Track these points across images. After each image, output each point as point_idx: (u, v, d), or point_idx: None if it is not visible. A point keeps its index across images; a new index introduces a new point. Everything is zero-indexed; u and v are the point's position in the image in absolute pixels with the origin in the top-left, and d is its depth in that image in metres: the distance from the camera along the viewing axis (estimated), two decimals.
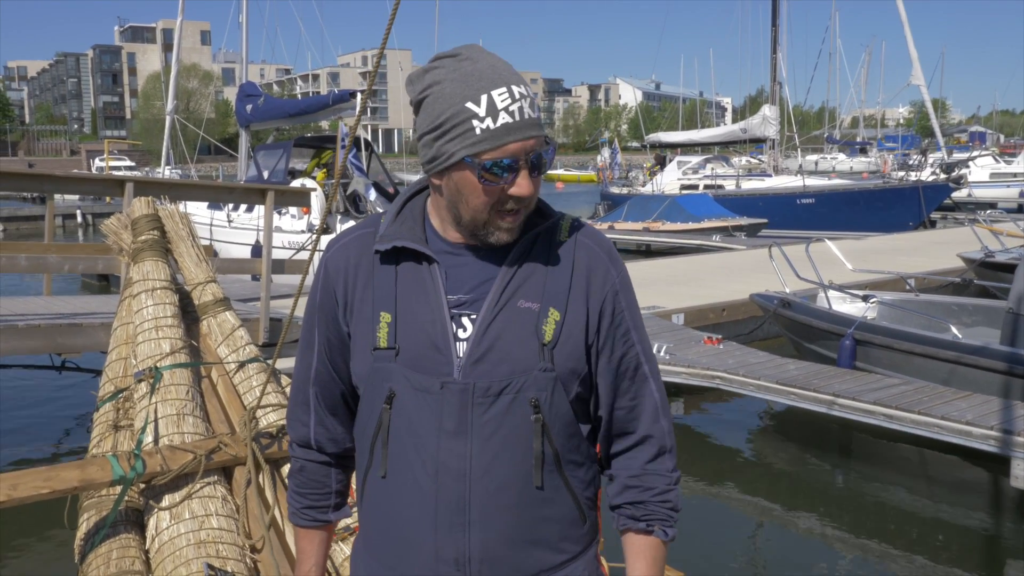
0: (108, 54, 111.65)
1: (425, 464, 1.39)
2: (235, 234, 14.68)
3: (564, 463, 1.44)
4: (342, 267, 1.49)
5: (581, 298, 1.44)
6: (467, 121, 1.34)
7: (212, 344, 3.45)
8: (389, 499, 1.45)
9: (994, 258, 11.73)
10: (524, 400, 1.39)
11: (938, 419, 5.87)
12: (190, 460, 2.77)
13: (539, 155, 1.37)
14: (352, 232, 1.53)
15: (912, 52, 22.92)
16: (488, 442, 1.38)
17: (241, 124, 16.91)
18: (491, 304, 1.40)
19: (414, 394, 1.40)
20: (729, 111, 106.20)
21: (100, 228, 4.12)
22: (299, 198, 9.89)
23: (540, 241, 1.45)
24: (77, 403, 8.28)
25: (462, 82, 1.35)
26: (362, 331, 1.46)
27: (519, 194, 1.36)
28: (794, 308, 8.40)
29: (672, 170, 28.87)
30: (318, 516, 1.65)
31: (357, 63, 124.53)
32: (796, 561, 5.19)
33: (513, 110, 1.34)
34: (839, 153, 53.53)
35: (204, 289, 3.57)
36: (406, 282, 1.44)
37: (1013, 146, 55.00)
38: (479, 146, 1.34)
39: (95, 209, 30.53)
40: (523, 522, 1.41)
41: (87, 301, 8.41)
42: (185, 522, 2.69)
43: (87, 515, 2.83)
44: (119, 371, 3.35)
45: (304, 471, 1.64)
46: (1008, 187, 31.32)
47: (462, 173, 1.37)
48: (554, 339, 1.41)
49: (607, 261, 1.48)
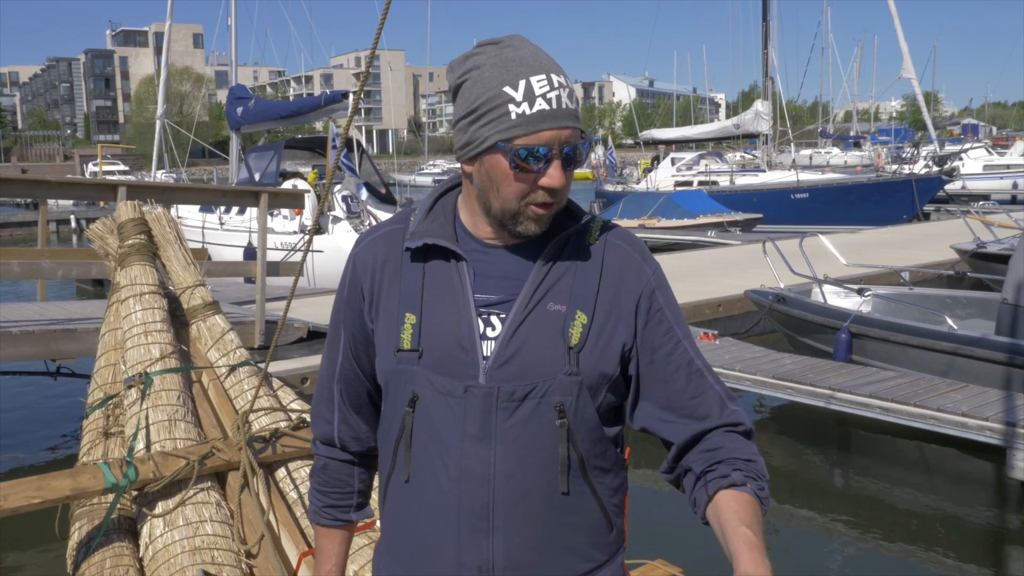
0: (100, 58, 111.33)
1: (448, 469, 1.37)
2: (227, 236, 14.67)
3: (590, 469, 1.40)
4: (370, 263, 1.47)
5: (611, 300, 1.41)
6: (503, 105, 1.32)
7: (202, 348, 3.43)
8: (411, 504, 1.42)
9: (986, 249, 11.79)
10: (549, 405, 1.36)
11: (934, 411, 5.87)
12: (183, 466, 2.75)
13: (574, 147, 1.34)
14: (381, 228, 1.51)
15: (903, 46, 22.94)
16: (512, 447, 1.35)
17: (232, 127, 16.91)
18: (521, 305, 1.38)
19: (437, 398, 1.38)
20: (723, 107, 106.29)
21: (86, 233, 4.09)
22: (293, 200, 9.86)
23: (571, 243, 1.43)
24: (73, 409, 8.24)
25: (502, 67, 1.33)
26: (386, 330, 1.43)
27: (550, 185, 1.33)
28: (789, 303, 8.40)
29: (666, 167, 28.87)
30: (339, 515, 1.63)
31: (351, 64, 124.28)
32: (796, 555, 5.19)
33: (551, 97, 1.32)
34: (833, 147, 53.49)
35: (193, 293, 3.55)
36: (433, 281, 1.42)
37: (1005, 138, 55.09)
38: (513, 131, 1.31)
39: (89, 214, 30.43)
40: (548, 529, 1.38)
41: (82, 306, 8.38)
42: (179, 529, 2.68)
43: (79, 524, 2.81)
44: (108, 377, 3.33)
45: (327, 469, 1.62)
46: (1001, 179, 31.34)
47: (495, 158, 1.34)
48: (580, 342, 1.37)
49: (640, 260, 1.45)
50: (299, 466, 3.04)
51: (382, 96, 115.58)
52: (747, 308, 9.76)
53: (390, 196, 15.19)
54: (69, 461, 6.83)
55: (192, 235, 14.79)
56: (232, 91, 16.98)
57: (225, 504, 2.85)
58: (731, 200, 22.38)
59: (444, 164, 67.82)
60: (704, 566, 4.87)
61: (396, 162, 56.45)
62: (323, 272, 11.87)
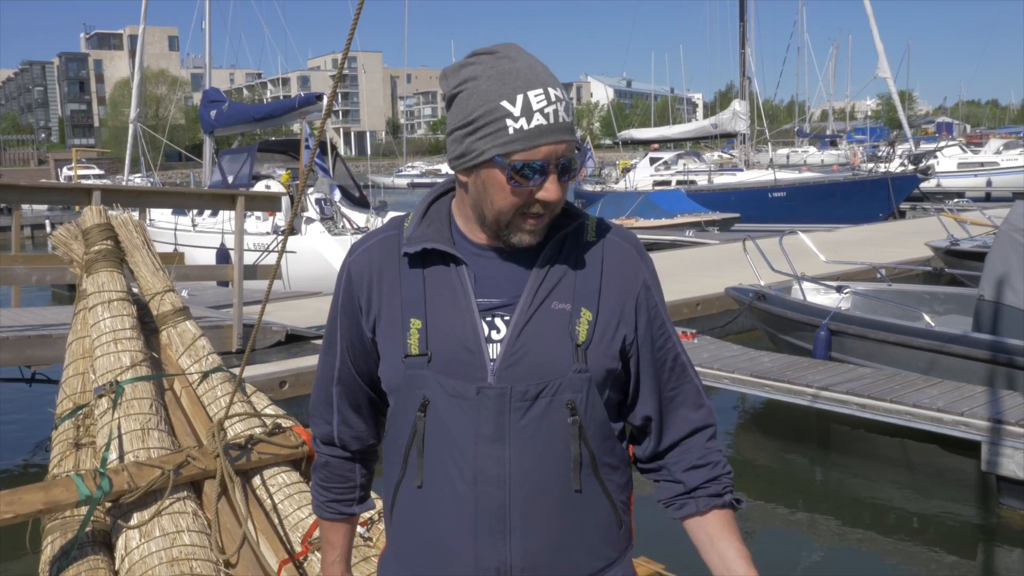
0: (74, 62, 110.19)
1: (463, 472, 1.37)
2: (200, 238, 14.62)
3: (600, 466, 1.43)
4: (365, 272, 1.47)
5: (613, 296, 1.43)
6: (501, 120, 1.32)
7: (173, 355, 3.37)
8: (425, 509, 1.42)
9: (959, 246, 11.94)
10: (560, 403, 1.37)
11: (910, 407, 5.92)
12: (158, 476, 2.70)
13: (569, 160, 1.35)
14: (375, 236, 1.51)
15: (878, 45, 23.13)
16: (526, 447, 1.36)
17: (205, 130, 16.83)
18: (525, 306, 1.39)
19: (449, 400, 1.38)
20: (700, 107, 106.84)
21: (50, 240, 4.03)
22: (270, 202, 9.80)
23: (568, 242, 1.44)
24: (49, 416, 8.13)
25: (499, 80, 1.33)
26: (391, 338, 1.43)
27: (546, 199, 1.34)
28: (769, 300, 8.44)
29: (645, 167, 28.95)
30: (343, 509, 1.66)
31: (328, 66, 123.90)
32: (775, 551, 5.20)
33: (548, 112, 1.32)
34: (810, 146, 53.86)
35: (162, 299, 3.49)
36: (435, 285, 1.42)
37: (979, 136, 55.71)
38: (511, 146, 1.31)
39: (64, 219, 30.04)
40: (563, 527, 1.39)
41: (56, 312, 8.27)
42: (156, 540, 2.63)
43: (51, 537, 2.75)
44: (77, 386, 3.27)
45: (329, 466, 1.64)
46: (975, 176, 31.68)
47: (491, 172, 1.34)
48: (588, 339, 1.39)
49: (637, 257, 1.48)
50: (276, 472, 3.00)
51: (360, 98, 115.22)
52: (725, 307, 9.80)
53: (363, 199, 15.18)
54: (44, 468, 6.73)
55: (165, 237, 14.72)
56: (205, 94, 16.89)
57: (202, 513, 2.80)
58: (709, 199, 22.48)
59: (423, 166, 67.71)
60: (685, 562, 4.88)
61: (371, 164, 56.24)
62: (297, 274, 11.83)
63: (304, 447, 3.05)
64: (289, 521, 2.85)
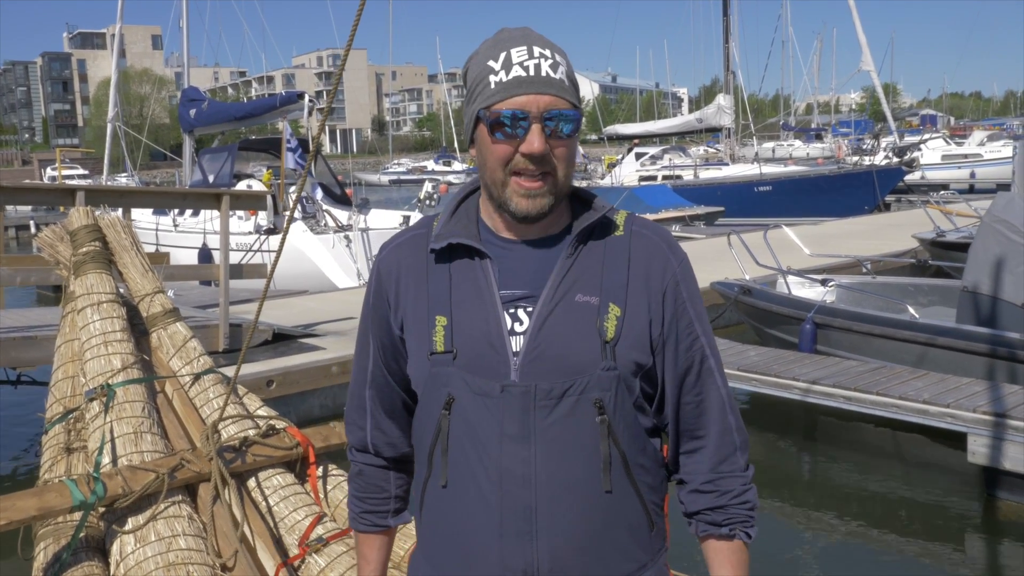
0: (57, 61, 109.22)
1: (488, 471, 1.34)
2: (181, 238, 14.55)
3: (632, 466, 1.39)
4: (394, 270, 1.47)
5: (641, 290, 1.39)
6: (486, 78, 1.34)
7: (164, 357, 3.36)
8: (451, 509, 1.40)
9: (945, 237, 12.01)
10: (588, 401, 1.34)
11: (896, 399, 5.97)
12: (152, 480, 2.69)
13: (558, 115, 1.32)
14: (405, 234, 1.51)
15: (861, 38, 23.26)
16: (553, 446, 1.33)
17: (185, 129, 16.75)
18: (548, 297, 1.36)
19: (473, 398, 1.35)
20: (685, 101, 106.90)
21: (35, 242, 4.00)
22: (255, 201, 9.77)
23: (595, 234, 1.42)
24: (35, 418, 8.08)
25: (492, 46, 1.36)
26: (417, 335, 1.42)
27: (529, 151, 1.31)
28: (754, 295, 8.48)
29: (630, 162, 28.98)
30: (377, 521, 1.62)
31: (312, 64, 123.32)
32: (762, 544, 5.24)
33: (528, 65, 1.32)
34: (795, 140, 54.04)
35: (152, 300, 3.47)
36: (460, 281, 1.41)
37: (963, 128, 56.00)
38: (491, 99, 1.32)
39: (49, 219, 29.83)
40: (592, 528, 1.36)
41: (41, 313, 8.22)
42: (151, 544, 2.62)
43: (44, 544, 2.74)
44: (67, 390, 3.24)
45: (362, 475, 1.61)
46: (960, 168, 31.87)
47: (480, 132, 1.35)
48: (616, 336, 1.36)
49: (667, 250, 1.43)
50: (271, 474, 3.00)
51: (345, 95, 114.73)
52: (711, 301, 9.81)
53: (345, 196, 15.13)
54: (34, 472, 6.69)
55: (146, 237, 14.67)
56: (185, 93, 16.81)
57: (197, 517, 2.79)
58: (695, 194, 22.52)
59: (409, 163, 67.44)
60: (673, 559, 4.91)
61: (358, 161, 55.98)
62: (280, 273, 11.79)
63: (298, 448, 3.05)
64: (285, 523, 2.85)
